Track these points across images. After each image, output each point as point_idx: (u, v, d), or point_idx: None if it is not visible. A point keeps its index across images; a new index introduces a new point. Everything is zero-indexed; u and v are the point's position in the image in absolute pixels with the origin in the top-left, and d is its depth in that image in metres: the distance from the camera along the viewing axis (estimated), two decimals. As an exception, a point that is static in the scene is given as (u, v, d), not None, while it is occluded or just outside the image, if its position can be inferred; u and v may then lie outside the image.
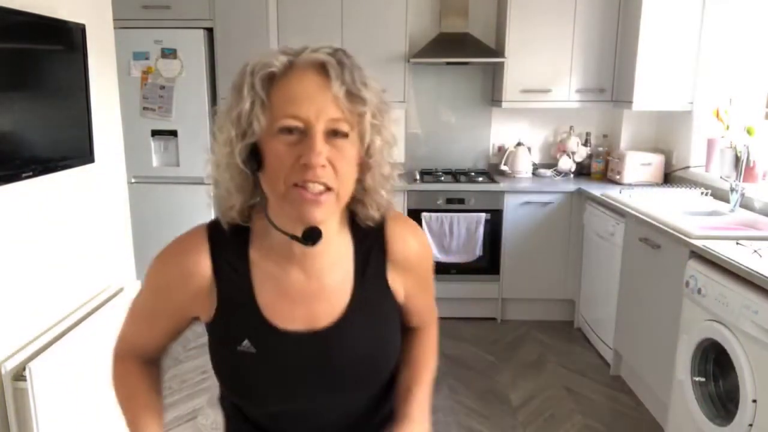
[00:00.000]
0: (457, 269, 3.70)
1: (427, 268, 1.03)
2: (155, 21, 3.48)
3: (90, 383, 2.04)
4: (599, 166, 3.97)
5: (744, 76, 3.15)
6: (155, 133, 3.59)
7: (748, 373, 1.93)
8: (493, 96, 4.07)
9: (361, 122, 0.84)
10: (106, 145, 2.33)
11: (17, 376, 1.71)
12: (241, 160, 0.85)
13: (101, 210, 2.31)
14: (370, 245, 0.95)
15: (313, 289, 0.93)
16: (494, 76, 4.02)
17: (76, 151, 2.07)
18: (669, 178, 3.69)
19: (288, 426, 0.99)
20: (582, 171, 4.05)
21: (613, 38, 3.70)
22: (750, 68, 3.11)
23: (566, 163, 3.98)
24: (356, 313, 0.94)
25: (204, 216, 3.91)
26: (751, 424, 1.92)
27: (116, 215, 2.44)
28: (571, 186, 3.67)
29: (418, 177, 3.79)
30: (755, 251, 2.12)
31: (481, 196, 3.65)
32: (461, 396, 2.92)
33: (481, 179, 3.79)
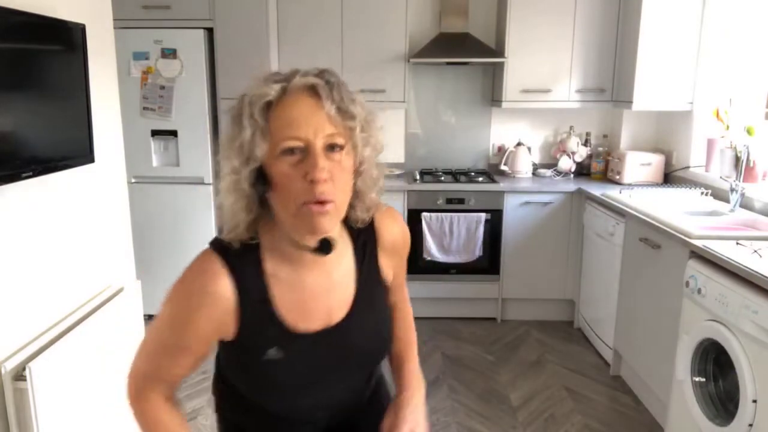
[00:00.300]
0: (457, 269, 3.70)
1: (405, 250, 1.14)
2: (155, 21, 3.48)
3: (90, 383, 2.05)
4: (599, 166, 3.97)
5: (744, 76, 3.15)
6: (155, 133, 3.59)
7: (748, 373, 1.93)
8: (493, 96, 4.07)
9: (352, 135, 0.92)
10: (106, 145, 2.33)
11: (17, 376, 1.71)
12: (250, 183, 0.92)
13: (101, 210, 2.31)
14: (365, 238, 1.06)
15: (326, 286, 1.02)
16: (494, 76, 4.02)
17: (76, 151, 2.07)
18: (669, 178, 3.70)
19: (300, 408, 1.08)
20: (582, 171, 4.05)
21: (613, 38, 3.70)
22: (750, 68, 3.11)
23: (566, 163, 3.98)
24: (363, 301, 1.05)
25: (204, 216, 3.91)
26: (751, 424, 1.92)
27: (116, 215, 2.44)
28: (571, 186, 3.67)
29: (418, 177, 3.79)
30: (755, 251, 2.12)
31: (481, 196, 3.65)
32: (461, 396, 2.92)
33: (481, 179, 3.79)
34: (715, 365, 2.21)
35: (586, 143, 4.03)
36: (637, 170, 3.68)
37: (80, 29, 2.05)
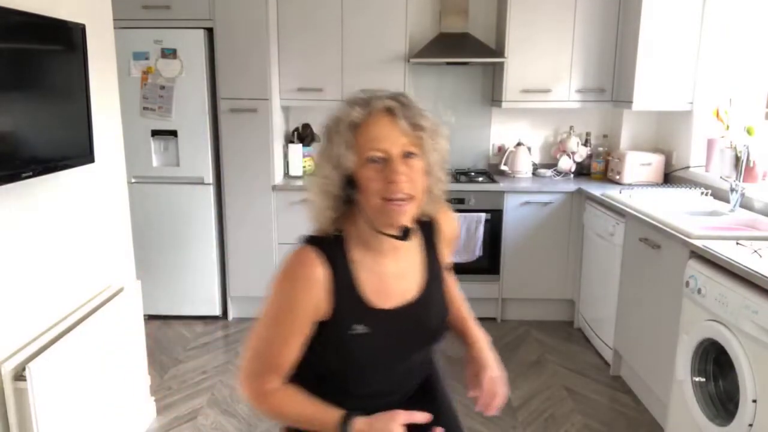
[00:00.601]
0: (457, 269, 3.67)
1: (456, 239, 1.39)
2: (155, 21, 3.48)
3: (90, 383, 2.05)
4: (599, 166, 3.97)
5: (744, 76, 3.15)
6: (155, 133, 3.58)
7: (748, 373, 1.93)
8: (493, 96, 4.07)
9: (422, 143, 1.13)
10: (106, 145, 2.34)
11: (17, 376, 1.71)
12: (338, 186, 1.14)
13: (101, 210, 2.31)
14: (430, 230, 1.30)
15: (400, 271, 1.23)
16: (494, 76, 4.02)
17: (76, 151, 2.07)
18: (669, 178, 3.70)
19: (379, 383, 1.27)
20: (582, 171, 4.05)
21: (613, 38, 3.70)
22: (750, 68, 3.12)
23: (566, 163, 3.98)
24: (431, 282, 1.27)
25: (204, 216, 3.90)
26: (751, 424, 1.92)
27: (116, 215, 2.44)
28: (571, 186, 3.67)
29: (418, 177, 3.79)
30: (755, 251, 2.12)
31: (481, 196, 3.65)
32: (461, 396, 2.90)
33: (481, 179, 3.79)
34: (715, 365, 2.21)
35: (586, 143, 4.03)
36: (637, 170, 3.69)
37: (80, 29, 2.05)
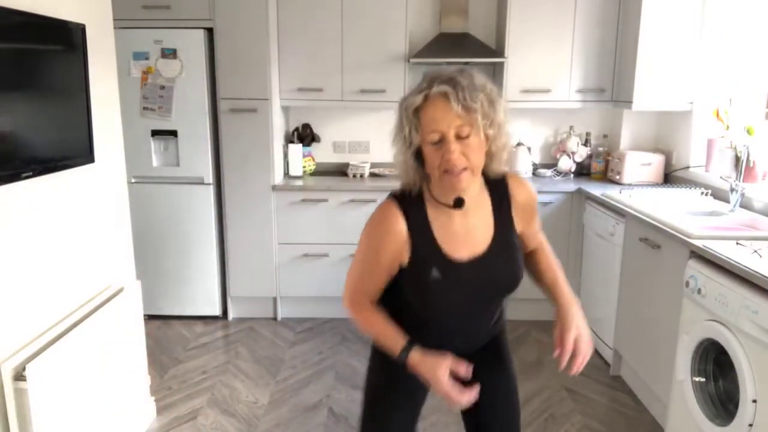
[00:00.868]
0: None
1: (534, 206, 1.50)
2: (155, 21, 3.48)
3: (90, 383, 2.05)
4: (599, 166, 3.97)
5: (744, 76, 3.15)
6: (155, 133, 3.58)
7: (748, 373, 1.93)
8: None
9: (475, 122, 1.27)
10: (106, 145, 2.34)
11: (17, 376, 1.71)
12: (411, 159, 1.34)
13: (101, 210, 2.31)
14: (501, 195, 1.44)
15: (470, 227, 1.40)
16: (494, 76, 4.02)
17: (76, 151, 2.07)
18: (669, 178, 3.70)
19: (453, 321, 1.47)
20: (582, 171, 4.05)
21: (613, 38, 3.70)
22: (750, 68, 3.12)
23: (566, 163, 3.98)
24: (499, 240, 1.42)
25: (204, 216, 3.90)
26: (751, 424, 1.92)
27: (116, 215, 2.44)
28: (571, 186, 3.67)
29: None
30: (755, 251, 2.12)
31: (481, 196, 3.64)
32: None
33: (481, 179, 3.78)
34: (715, 365, 2.21)
35: (586, 143, 4.03)
36: (637, 170, 3.69)
37: (80, 29, 2.05)
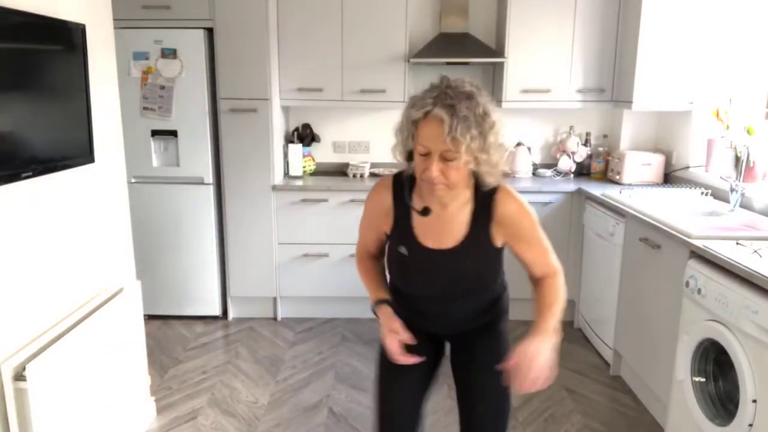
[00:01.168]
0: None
1: (524, 227, 1.54)
2: (155, 21, 3.48)
3: (90, 383, 2.05)
4: (599, 166, 3.97)
5: (744, 76, 3.15)
6: (155, 133, 3.58)
7: (748, 373, 1.93)
8: (493, 96, 4.06)
9: (461, 150, 1.36)
10: (106, 145, 2.33)
11: (17, 376, 1.71)
12: (406, 156, 1.50)
13: (101, 210, 2.31)
14: (484, 205, 1.51)
15: (445, 224, 1.53)
16: (494, 76, 4.02)
17: (76, 151, 2.07)
18: (669, 178, 3.70)
19: (422, 293, 1.63)
20: (582, 171, 4.05)
21: (613, 38, 3.70)
22: (750, 68, 3.12)
23: (566, 163, 3.98)
24: (468, 244, 1.52)
25: (204, 216, 3.89)
26: (751, 424, 1.92)
27: (116, 215, 2.44)
28: (571, 186, 3.67)
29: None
30: (755, 251, 2.12)
31: (481, 196, 3.64)
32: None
33: (481, 179, 3.78)
34: (715, 365, 2.21)
35: (586, 143, 4.03)
36: (637, 170, 3.68)
37: (80, 29, 2.05)
